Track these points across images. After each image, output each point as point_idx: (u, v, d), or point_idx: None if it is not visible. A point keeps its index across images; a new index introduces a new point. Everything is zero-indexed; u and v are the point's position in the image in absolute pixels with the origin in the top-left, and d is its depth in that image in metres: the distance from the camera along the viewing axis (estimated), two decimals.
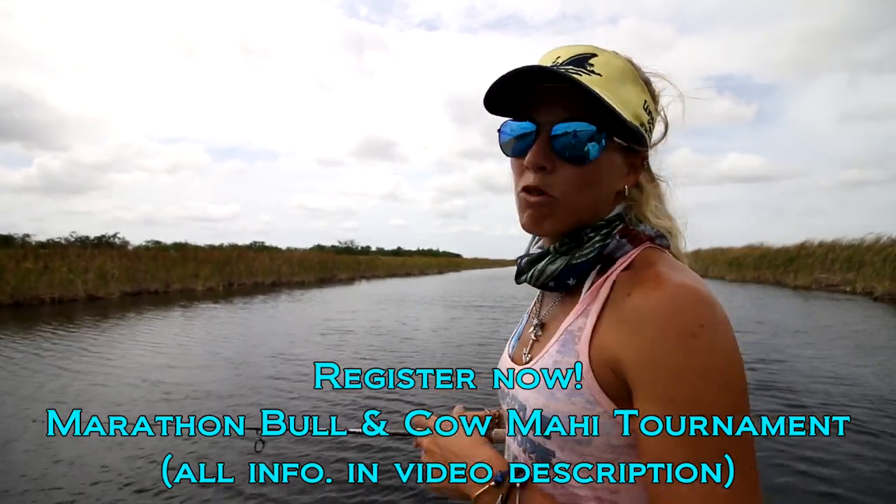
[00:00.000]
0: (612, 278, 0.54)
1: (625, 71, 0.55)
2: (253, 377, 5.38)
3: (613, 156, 0.56)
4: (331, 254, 40.50)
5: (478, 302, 14.19)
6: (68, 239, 27.59)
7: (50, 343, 7.46)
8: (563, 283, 0.58)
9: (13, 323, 9.82)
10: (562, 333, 0.55)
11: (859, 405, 4.21)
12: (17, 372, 5.67)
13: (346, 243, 75.89)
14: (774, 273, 21.44)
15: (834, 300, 13.95)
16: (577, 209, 0.55)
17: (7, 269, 13.20)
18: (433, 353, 6.48)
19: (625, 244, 0.55)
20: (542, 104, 0.55)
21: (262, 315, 11.52)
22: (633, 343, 0.47)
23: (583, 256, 0.56)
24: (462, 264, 74.00)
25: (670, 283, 0.48)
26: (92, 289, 14.86)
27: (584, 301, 0.55)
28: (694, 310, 0.46)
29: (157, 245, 31.95)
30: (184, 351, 6.97)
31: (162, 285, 17.48)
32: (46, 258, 14.79)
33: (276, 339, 7.82)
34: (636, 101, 0.55)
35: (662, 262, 0.53)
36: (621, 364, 0.48)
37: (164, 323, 10.00)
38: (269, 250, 31.28)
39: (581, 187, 0.54)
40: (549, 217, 0.55)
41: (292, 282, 23.96)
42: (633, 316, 0.48)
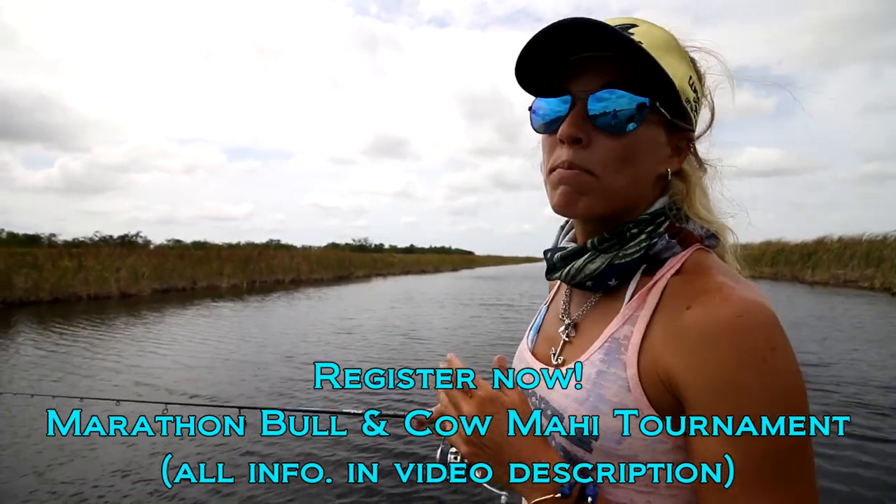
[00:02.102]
0: (661, 283, 0.49)
1: (668, 42, 0.49)
2: (268, 378, 5.35)
3: (656, 130, 0.49)
4: (347, 252, 40.88)
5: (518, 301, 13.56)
6: (93, 238, 28.37)
7: (98, 338, 7.67)
8: (604, 283, 0.52)
9: (57, 318, 10.09)
10: (606, 340, 0.50)
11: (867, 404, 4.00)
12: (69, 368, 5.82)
13: (360, 241, 76.66)
14: (791, 269, 20.90)
15: (852, 296, 13.45)
16: (614, 189, 0.49)
17: (45, 267, 13.68)
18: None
19: (674, 245, 0.50)
20: (578, 74, 0.49)
21: (283, 313, 11.64)
22: (696, 362, 0.43)
23: (627, 256, 0.50)
24: (476, 261, 73.93)
25: (738, 298, 0.43)
26: (124, 286, 15.32)
27: (631, 306, 0.50)
28: (765, 331, 0.42)
29: (178, 244, 32.62)
30: (212, 348, 7.03)
31: (189, 283, 17.88)
32: (80, 257, 15.27)
33: (299, 340, 7.66)
34: (682, 74, 0.49)
35: (719, 269, 0.48)
36: (677, 381, 0.44)
37: (192, 321, 10.15)
38: (286, 248, 31.69)
39: (619, 163, 0.48)
40: (585, 195, 0.49)
41: (311, 279, 24.25)
42: (695, 333, 0.43)
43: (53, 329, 8.70)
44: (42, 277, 13.36)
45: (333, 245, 59.87)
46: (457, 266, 52.66)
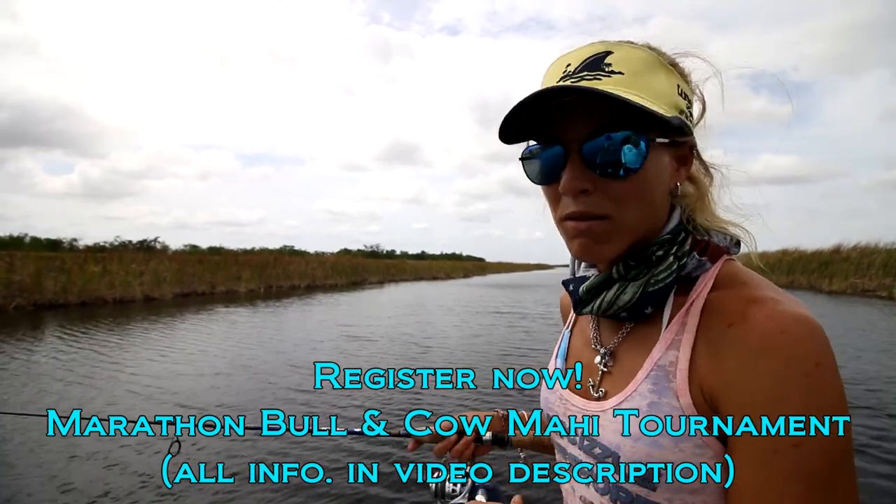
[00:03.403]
0: (699, 302, 0.46)
1: (648, 61, 0.46)
2: (275, 385, 5.27)
3: (658, 156, 0.47)
4: (360, 258, 41.08)
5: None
6: (113, 243, 28.89)
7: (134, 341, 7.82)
8: (640, 313, 0.50)
9: (85, 321, 10.29)
10: (652, 369, 0.47)
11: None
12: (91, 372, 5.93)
13: (371, 247, 77.10)
14: (808, 278, 20.31)
15: (870, 305, 12.94)
16: (631, 225, 0.47)
17: (72, 271, 14.05)
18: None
19: (705, 262, 0.48)
20: (563, 120, 0.47)
21: (301, 319, 11.62)
22: (739, 381, 0.41)
23: (659, 282, 0.48)
24: (487, 268, 73.56)
25: (781, 313, 0.41)
26: (148, 290, 15.61)
27: (672, 330, 0.47)
28: (810, 345, 0.40)
29: (195, 249, 33.10)
30: (232, 351, 7.06)
31: (208, 287, 18.16)
32: (105, 261, 15.64)
33: (316, 347, 7.46)
34: (670, 89, 0.47)
35: (753, 280, 0.46)
36: (721, 402, 0.43)
37: (215, 325, 10.21)
38: (300, 254, 31.95)
39: (632, 201, 0.46)
40: (607, 241, 0.47)
41: (326, 285, 24.40)
42: (738, 352, 0.42)
43: (94, 330, 8.83)
44: (70, 281, 13.69)
45: (346, 251, 60.29)
46: (468, 273, 52.46)
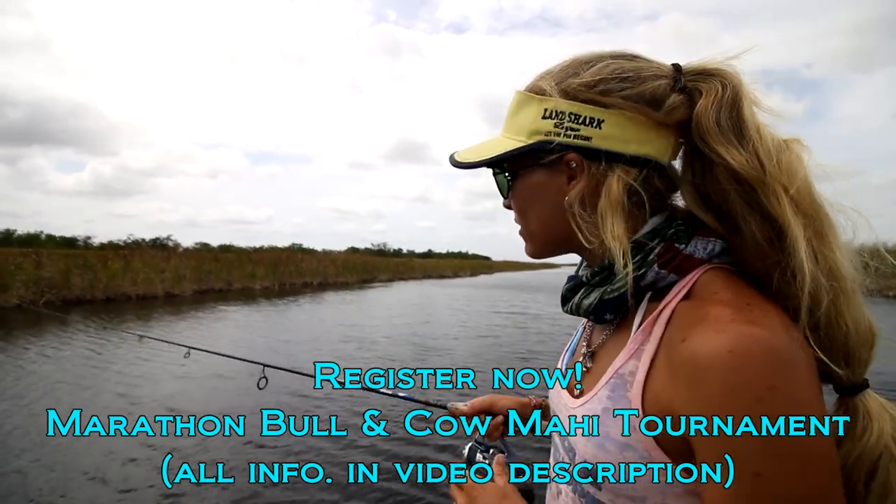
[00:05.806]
0: (667, 312, 0.44)
1: (518, 101, 0.53)
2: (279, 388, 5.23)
3: (529, 177, 0.52)
4: (370, 256, 41.20)
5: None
6: (126, 241, 29.09)
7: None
8: (601, 317, 0.51)
9: (111, 315, 10.33)
10: (611, 376, 0.47)
11: None
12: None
13: (378, 245, 77.17)
14: None
15: (874, 303, 12.56)
16: (534, 231, 0.54)
17: (96, 268, 14.24)
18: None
19: (666, 275, 0.46)
20: None
21: (315, 315, 11.62)
22: (690, 402, 0.39)
23: (614, 291, 0.48)
24: (494, 267, 73.40)
25: (733, 330, 0.38)
26: (169, 286, 15.78)
27: (637, 339, 0.46)
28: (761, 366, 0.36)
29: (206, 247, 33.25)
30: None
31: (225, 284, 18.32)
32: (127, 259, 15.82)
33: (336, 346, 7.29)
34: (530, 120, 0.51)
35: (726, 292, 0.42)
36: (677, 420, 0.40)
37: (231, 321, 10.24)
38: (309, 252, 32.02)
39: (521, 214, 0.55)
40: (528, 241, 0.56)
41: (337, 282, 24.50)
42: (687, 368, 0.39)
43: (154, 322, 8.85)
44: (96, 278, 13.90)
45: (353, 249, 60.40)
46: (475, 271, 52.35)
